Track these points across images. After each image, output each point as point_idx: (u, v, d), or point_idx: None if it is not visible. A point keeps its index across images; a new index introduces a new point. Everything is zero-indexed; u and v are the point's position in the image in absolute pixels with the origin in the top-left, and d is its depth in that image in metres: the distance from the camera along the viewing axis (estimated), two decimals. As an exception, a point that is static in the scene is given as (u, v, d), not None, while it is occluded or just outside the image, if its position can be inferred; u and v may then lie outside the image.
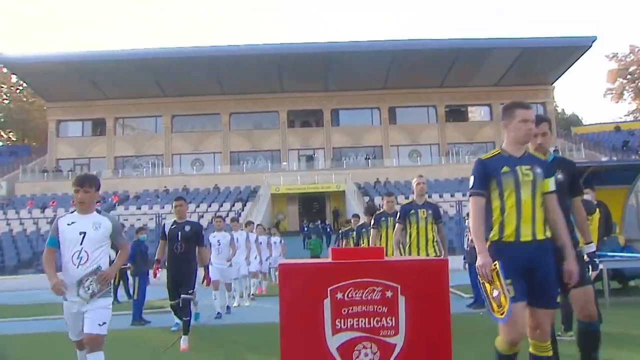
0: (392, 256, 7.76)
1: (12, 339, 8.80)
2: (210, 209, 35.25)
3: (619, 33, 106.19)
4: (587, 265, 4.22)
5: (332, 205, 43.26)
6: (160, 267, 8.19)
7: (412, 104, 48.66)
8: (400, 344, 3.08)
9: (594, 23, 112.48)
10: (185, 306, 7.59)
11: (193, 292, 7.83)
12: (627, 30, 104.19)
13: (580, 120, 67.75)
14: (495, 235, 3.59)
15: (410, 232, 7.84)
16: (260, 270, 15.21)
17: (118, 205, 37.88)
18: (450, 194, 35.47)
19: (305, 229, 34.96)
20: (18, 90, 60.39)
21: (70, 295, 4.45)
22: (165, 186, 41.55)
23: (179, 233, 7.70)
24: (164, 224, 8.08)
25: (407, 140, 48.56)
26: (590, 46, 43.76)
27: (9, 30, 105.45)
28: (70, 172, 46.02)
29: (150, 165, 47.11)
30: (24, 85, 54.48)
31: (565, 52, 44.16)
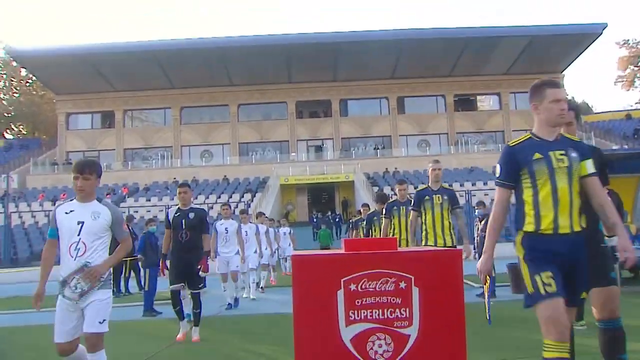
0: (409, 245, 7.62)
1: (27, 331, 8.89)
2: (219, 200, 35.32)
3: (630, 19, 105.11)
4: (613, 261, 3.95)
5: (341, 196, 43.26)
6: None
7: (421, 94, 48.46)
8: (414, 335, 3.06)
9: (604, 9, 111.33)
10: (196, 299, 7.47)
11: (203, 286, 7.64)
12: (638, 16, 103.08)
13: (591, 109, 67.19)
14: (530, 227, 3.31)
15: (425, 219, 7.52)
16: (270, 262, 15.17)
17: (128, 197, 38.11)
18: (459, 183, 35.35)
19: (314, 220, 34.96)
20: (28, 84, 60.68)
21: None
22: (175, 178, 41.64)
23: (183, 221, 7.38)
24: (167, 212, 7.76)
25: (416, 130, 48.39)
26: (601, 33, 43.27)
27: (18, 24, 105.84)
28: (80, 165, 46.31)
29: (159, 157, 47.29)
30: (34, 79, 54.69)
31: (575, 40, 43.72)
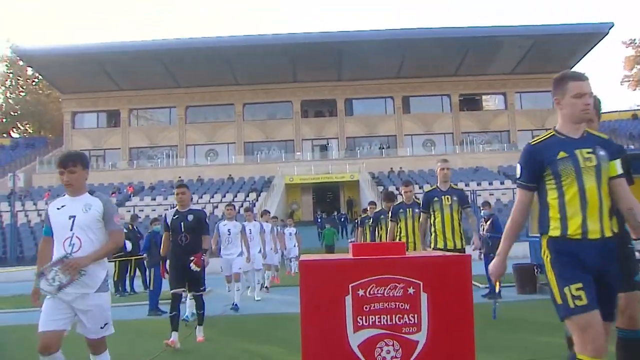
0: (417, 249, 7.43)
1: (32, 329, 8.90)
2: (224, 199, 35.33)
3: (637, 19, 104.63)
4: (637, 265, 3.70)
5: (346, 195, 43.23)
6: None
7: (426, 93, 48.34)
8: (422, 341, 3.04)
9: (611, 9, 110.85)
10: (199, 299, 7.40)
11: (204, 289, 7.50)
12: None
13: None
14: (555, 231, 3.06)
15: (435, 221, 7.25)
16: (274, 262, 15.03)
17: (133, 196, 38.17)
18: (464, 183, 35.25)
19: (319, 220, 34.89)
20: (34, 83, 60.87)
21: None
22: (180, 177, 41.63)
23: (182, 224, 7.06)
24: (165, 215, 7.39)
25: (421, 129, 48.30)
26: (607, 33, 43.09)
27: (25, 23, 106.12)
28: (86, 164, 46.46)
29: (164, 156, 47.34)
30: (40, 78, 54.85)
31: (581, 39, 43.54)
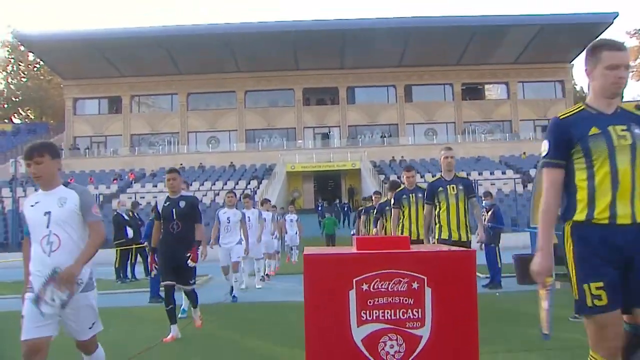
0: (423, 242, 7.33)
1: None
2: (226, 187, 35.37)
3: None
4: None
5: (347, 184, 43.26)
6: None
7: (429, 82, 48.23)
8: (426, 336, 3.04)
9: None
10: (191, 294, 7.20)
11: (194, 282, 7.10)
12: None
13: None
14: (581, 215, 2.82)
15: (440, 212, 6.99)
16: (274, 249, 15.05)
17: (134, 182, 38.21)
18: (466, 172, 35.12)
19: (319, 208, 34.87)
20: (35, 68, 60.69)
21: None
22: (181, 164, 41.67)
23: (174, 210, 6.75)
24: (156, 202, 7.04)
25: (423, 118, 48.21)
26: (612, 23, 42.79)
27: (26, 8, 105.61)
28: (88, 150, 46.53)
29: (166, 143, 47.32)
30: (41, 63, 54.70)
31: (585, 29, 43.19)
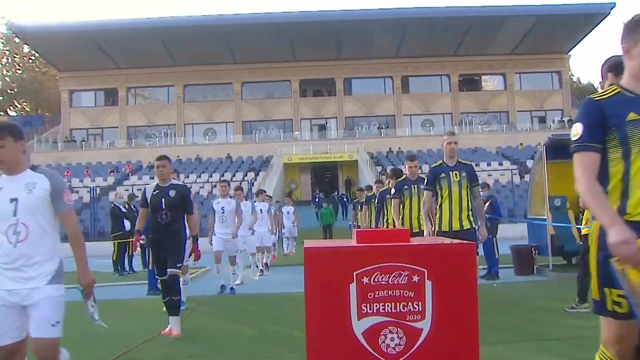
0: (423, 229, 7.19)
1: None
2: (222, 179, 35.35)
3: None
4: None
5: (344, 175, 43.26)
6: (141, 238, 7.19)
7: (425, 73, 48.22)
8: (426, 329, 3.05)
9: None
10: (174, 283, 6.45)
11: (182, 267, 6.75)
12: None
13: (597, 90, 66.48)
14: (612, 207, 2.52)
15: (442, 199, 6.73)
16: (269, 243, 14.71)
17: (131, 175, 38.15)
18: (463, 163, 35.25)
19: (316, 199, 34.89)
20: (31, 60, 60.30)
21: (2, 283, 3.26)
22: (178, 156, 41.63)
23: (163, 200, 6.42)
24: (145, 190, 6.69)
25: (420, 109, 48.21)
26: (609, 13, 42.79)
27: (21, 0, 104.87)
28: (84, 142, 46.41)
29: (162, 135, 47.25)
30: (37, 55, 54.40)
31: (582, 20, 43.28)
